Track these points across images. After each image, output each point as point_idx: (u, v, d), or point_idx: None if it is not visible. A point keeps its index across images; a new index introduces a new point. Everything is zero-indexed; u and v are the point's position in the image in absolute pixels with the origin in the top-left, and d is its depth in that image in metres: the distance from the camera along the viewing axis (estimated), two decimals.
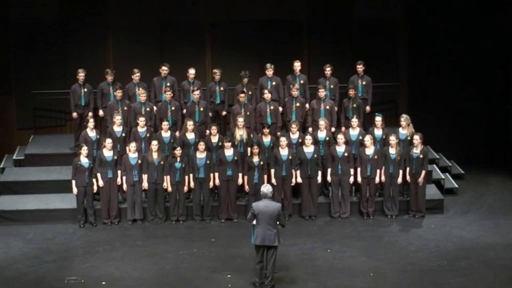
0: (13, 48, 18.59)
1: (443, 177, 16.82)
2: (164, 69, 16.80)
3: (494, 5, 18.90)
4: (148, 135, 15.63)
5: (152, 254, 13.68)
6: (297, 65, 16.87)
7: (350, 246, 13.94)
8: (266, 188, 12.11)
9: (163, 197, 15.24)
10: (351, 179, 15.37)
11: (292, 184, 15.30)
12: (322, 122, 15.61)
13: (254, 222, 12.05)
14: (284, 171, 15.21)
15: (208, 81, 18.19)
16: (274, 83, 16.80)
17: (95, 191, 15.16)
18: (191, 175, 15.14)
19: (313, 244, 14.09)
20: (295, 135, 15.63)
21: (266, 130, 15.59)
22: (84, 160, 14.92)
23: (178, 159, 15.04)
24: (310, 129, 16.16)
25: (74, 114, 16.83)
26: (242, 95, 16.29)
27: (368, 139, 15.24)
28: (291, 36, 19.16)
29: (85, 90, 16.76)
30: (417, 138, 15.22)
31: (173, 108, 16.20)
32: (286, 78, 16.92)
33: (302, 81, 16.91)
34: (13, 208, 15.48)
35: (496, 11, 18.94)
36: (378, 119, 15.69)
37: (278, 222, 12.00)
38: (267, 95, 16.18)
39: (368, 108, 16.93)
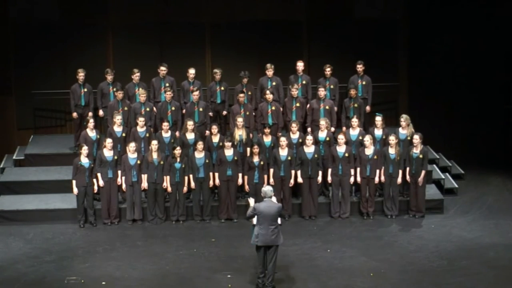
0: (13, 48, 18.60)
1: (443, 177, 16.81)
2: (163, 69, 16.78)
3: (494, 5, 18.91)
4: (147, 135, 15.64)
5: (152, 254, 13.68)
6: (300, 65, 16.84)
7: (350, 246, 13.94)
8: (267, 188, 12.10)
9: (163, 197, 15.24)
10: (351, 179, 15.38)
11: (291, 185, 15.30)
12: (322, 122, 15.61)
13: (255, 222, 12.06)
14: (282, 171, 15.20)
15: (208, 81, 18.19)
16: (274, 83, 16.78)
17: (95, 191, 15.16)
18: (191, 176, 15.16)
19: (313, 244, 14.08)
20: (295, 135, 15.63)
21: (267, 130, 15.59)
22: (84, 160, 14.93)
23: (178, 159, 15.04)
24: (309, 129, 16.15)
25: (74, 114, 16.82)
26: (242, 95, 16.29)
27: (367, 139, 15.24)
28: (291, 36, 19.16)
29: (85, 90, 16.75)
30: (416, 138, 15.22)
31: (173, 108, 16.19)
32: (289, 78, 16.92)
33: (304, 82, 16.89)
34: (13, 208, 15.48)
35: (496, 11, 18.94)
36: (378, 119, 15.69)
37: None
38: (269, 96, 16.17)
39: (368, 108, 16.92)
